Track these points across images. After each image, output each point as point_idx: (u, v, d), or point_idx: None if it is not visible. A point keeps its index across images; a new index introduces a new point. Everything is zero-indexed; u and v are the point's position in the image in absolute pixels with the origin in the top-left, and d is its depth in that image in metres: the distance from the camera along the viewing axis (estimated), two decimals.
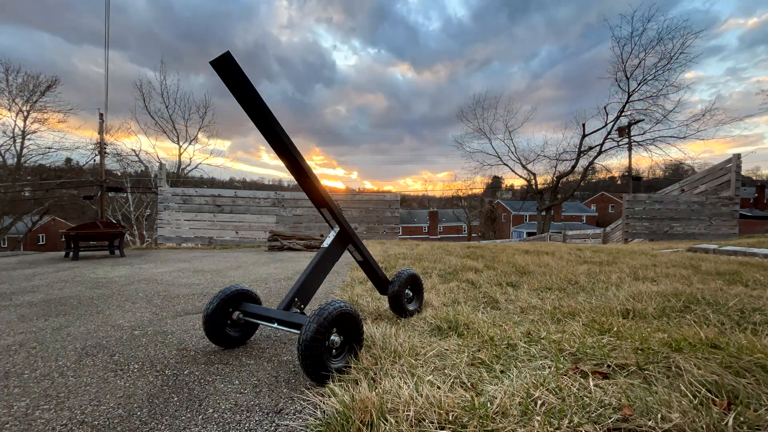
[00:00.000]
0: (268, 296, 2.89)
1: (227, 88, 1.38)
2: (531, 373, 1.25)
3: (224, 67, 1.32)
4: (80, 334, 1.98)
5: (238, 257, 5.86)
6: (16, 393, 1.32)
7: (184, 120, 26.63)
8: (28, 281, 3.67)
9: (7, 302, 2.75)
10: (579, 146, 24.20)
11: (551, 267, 3.75)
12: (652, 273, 3.28)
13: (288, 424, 1.10)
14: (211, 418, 1.15)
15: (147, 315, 2.34)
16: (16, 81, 23.12)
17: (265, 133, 1.50)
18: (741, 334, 1.55)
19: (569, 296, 2.51)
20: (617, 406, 1.01)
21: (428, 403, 1.05)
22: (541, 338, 1.61)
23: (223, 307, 1.66)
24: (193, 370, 1.49)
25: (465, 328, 1.80)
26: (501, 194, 58.23)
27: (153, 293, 3.02)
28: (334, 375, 1.30)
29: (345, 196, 10.10)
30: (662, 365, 1.28)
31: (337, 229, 1.87)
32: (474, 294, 2.67)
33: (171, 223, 9.17)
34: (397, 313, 2.12)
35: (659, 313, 1.97)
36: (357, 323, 1.43)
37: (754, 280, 2.83)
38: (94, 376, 1.45)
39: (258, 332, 1.95)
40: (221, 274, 4.09)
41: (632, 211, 10.58)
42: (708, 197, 10.64)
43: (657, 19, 20.36)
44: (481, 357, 1.42)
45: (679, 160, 21.63)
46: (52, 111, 24.19)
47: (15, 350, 1.74)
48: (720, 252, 5.34)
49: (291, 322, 1.47)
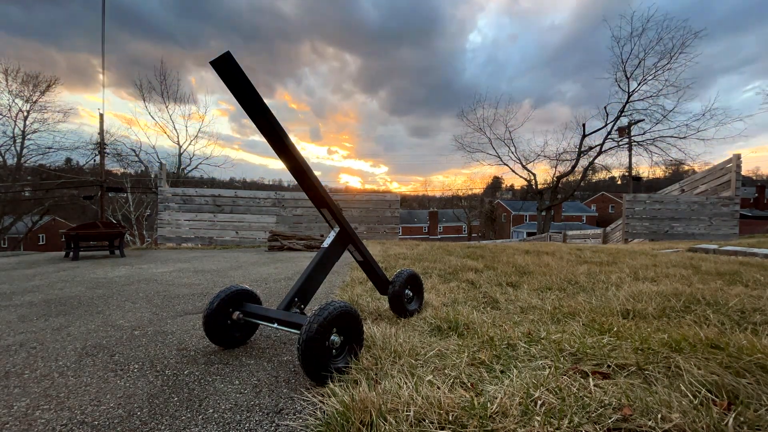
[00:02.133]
0: (269, 296, 2.89)
1: (228, 88, 1.38)
2: (531, 373, 1.24)
3: (224, 67, 1.33)
4: (80, 334, 1.98)
5: (238, 257, 5.86)
6: (16, 393, 1.32)
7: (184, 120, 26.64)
8: (28, 281, 3.67)
9: (7, 302, 2.75)
10: (579, 146, 24.20)
11: (551, 267, 3.75)
12: (652, 273, 3.28)
13: (288, 424, 1.10)
14: (211, 418, 1.15)
15: (147, 315, 2.34)
16: (16, 81, 23.16)
17: (266, 133, 1.50)
18: (741, 334, 1.55)
19: (569, 296, 2.51)
20: (617, 406, 1.01)
21: (428, 403, 1.05)
22: (541, 338, 1.61)
23: (224, 307, 1.66)
24: (193, 370, 1.49)
25: (465, 328, 1.80)
26: (501, 194, 58.25)
27: (153, 293, 3.02)
28: (334, 375, 1.29)
29: (345, 196, 10.11)
30: (662, 365, 1.28)
31: (337, 229, 1.87)
32: (474, 294, 2.67)
33: (171, 223, 9.17)
34: (397, 313, 2.12)
35: (659, 313, 1.97)
36: (357, 323, 1.43)
37: (755, 280, 2.83)
38: (94, 376, 1.45)
39: (258, 332, 1.95)
40: (221, 274, 4.09)
41: (632, 211, 10.58)
42: (708, 197, 10.63)
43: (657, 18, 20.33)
44: (481, 357, 1.42)
45: (679, 161, 21.63)
46: (52, 111, 24.23)
47: (15, 350, 1.74)
48: (720, 252, 5.34)
49: (291, 322, 1.47)
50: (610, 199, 51.87)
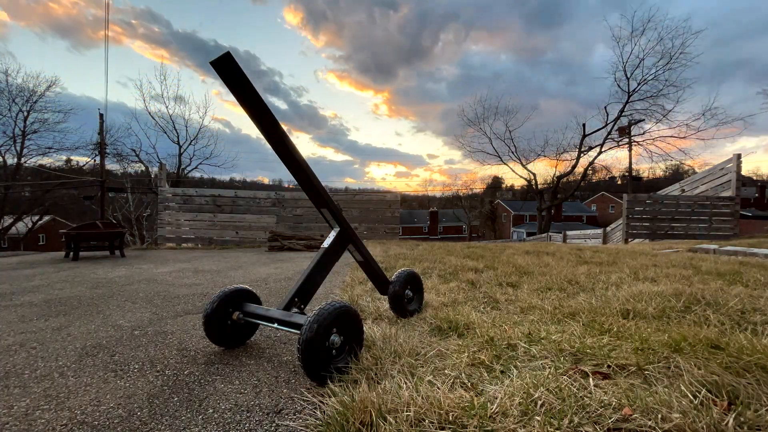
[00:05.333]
0: (269, 296, 2.89)
1: (228, 89, 1.38)
2: (531, 373, 1.24)
3: (224, 68, 1.32)
4: (80, 334, 1.98)
5: (238, 257, 5.86)
6: (17, 393, 1.32)
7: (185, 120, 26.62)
8: (28, 281, 3.67)
9: (8, 302, 2.75)
10: (579, 146, 24.21)
11: (551, 267, 3.75)
12: (652, 273, 3.28)
13: (288, 425, 1.10)
14: (211, 418, 1.15)
15: (147, 315, 2.34)
16: (16, 81, 23.15)
17: (266, 134, 1.50)
18: (741, 334, 1.55)
19: (569, 296, 2.51)
20: (617, 407, 1.01)
21: (428, 404, 1.05)
22: (541, 338, 1.61)
23: (224, 307, 1.66)
24: (193, 371, 1.49)
25: (465, 329, 1.80)
26: (501, 194, 58.22)
27: (153, 293, 3.02)
28: (334, 375, 1.30)
29: (345, 196, 10.11)
30: (662, 365, 1.28)
31: (337, 229, 1.87)
32: (474, 294, 2.67)
33: (171, 223, 9.16)
34: (397, 313, 2.12)
35: (659, 314, 1.97)
36: (357, 323, 1.43)
37: (755, 280, 2.83)
38: (94, 376, 1.45)
39: (258, 332, 1.95)
40: (221, 274, 4.09)
41: (632, 211, 10.57)
42: (708, 197, 10.63)
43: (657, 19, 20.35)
44: (481, 357, 1.42)
45: (680, 161, 21.64)
46: (52, 111, 24.20)
47: (15, 350, 1.74)
48: (720, 252, 5.34)
49: (291, 322, 1.47)
50: (610, 199, 51.83)
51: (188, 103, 52.04)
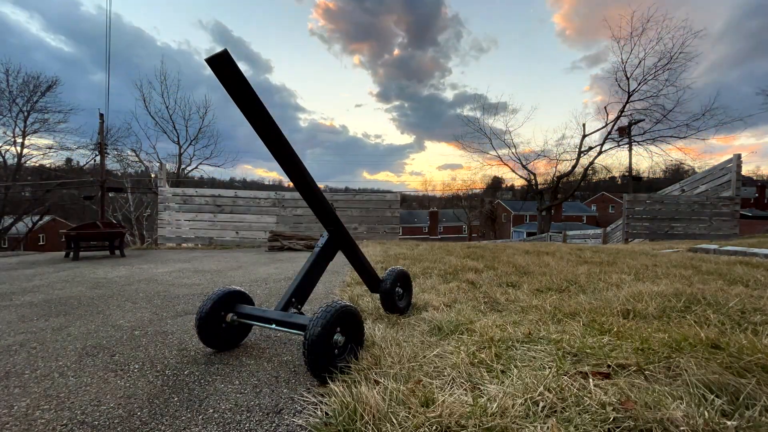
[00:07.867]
0: (269, 296, 2.89)
1: (224, 88, 1.35)
2: (531, 373, 1.24)
3: (221, 66, 1.29)
4: (80, 334, 1.98)
5: (238, 257, 5.86)
6: (17, 393, 1.32)
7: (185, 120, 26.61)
8: (28, 281, 3.67)
9: (8, 302, 2.75)
10: (579, 146, 24.20)
11: (551, 267, 3.75)
12: (652, 273, 3.28)
13: (288, 425, 1.10)
14: (211, 418, 1.14)
15: (147, 315, 2.34)
16: (17, 81, 23.13)
17: (262, 135, 1.47)
18: (741, 334, 1.55)
19: (569, 296, 2.51)
20: (617, 407, 1.01)
21: (428, 404, 1.05)
22: (541, 338, 1.61)
23: (217, 310, 1.63)
24: (194, 371, 1.49)
25: (465, 328, 1.80)
26: (501, 194, 58.21)
27: (153, 293, 3.02)
28: (336, 374, 1.30)
29: (345, 195, 10.10)
30: (662, 365, 1.28)
31: (331, 229, 1.87)
32: (474, 294, 2.67)
33: (171, 224, 9.17)
34: (388, 310, 2.17)
35: (660, 314, 1.97)
36: (359, 323, 1.44)
37: (755, 280, 2.82)
38: (94, 376, 1.45)
39: (258, 332, 1.95)
40: (221, 274, 4.09)
41: (632, 211, 10.58)
42: (708, 197, 10.63)
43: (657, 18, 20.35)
44: (482, 357, 1.42)
45: (680, 161, 21.64)
46: (53, 111, 24.19)
47: (15, 350, 1.74)
48: (720, 252, 5.33)
49: (291, 322, 1.47)
50: (610, 199, 51.83)
51: (189, 102, 51.92)
